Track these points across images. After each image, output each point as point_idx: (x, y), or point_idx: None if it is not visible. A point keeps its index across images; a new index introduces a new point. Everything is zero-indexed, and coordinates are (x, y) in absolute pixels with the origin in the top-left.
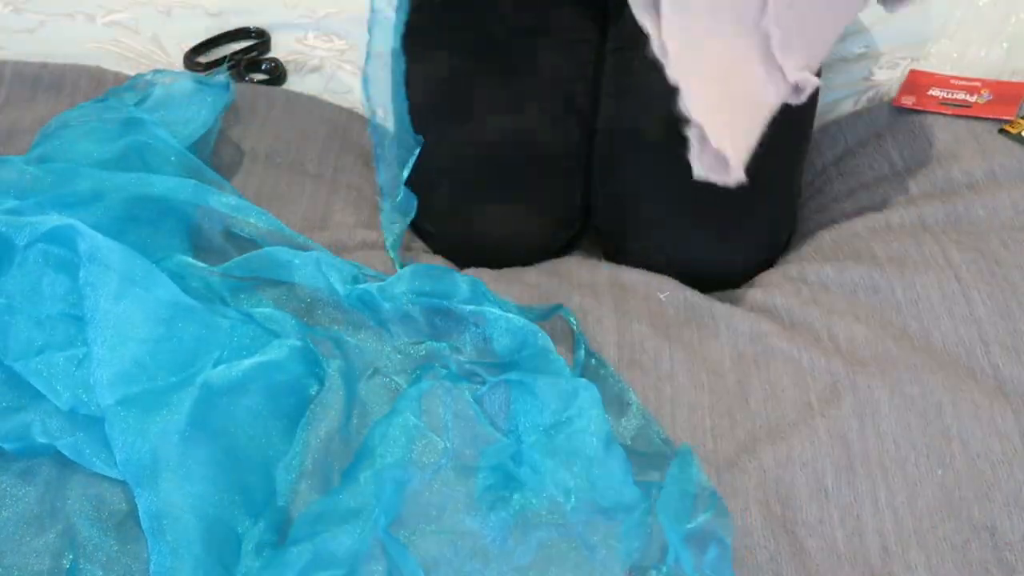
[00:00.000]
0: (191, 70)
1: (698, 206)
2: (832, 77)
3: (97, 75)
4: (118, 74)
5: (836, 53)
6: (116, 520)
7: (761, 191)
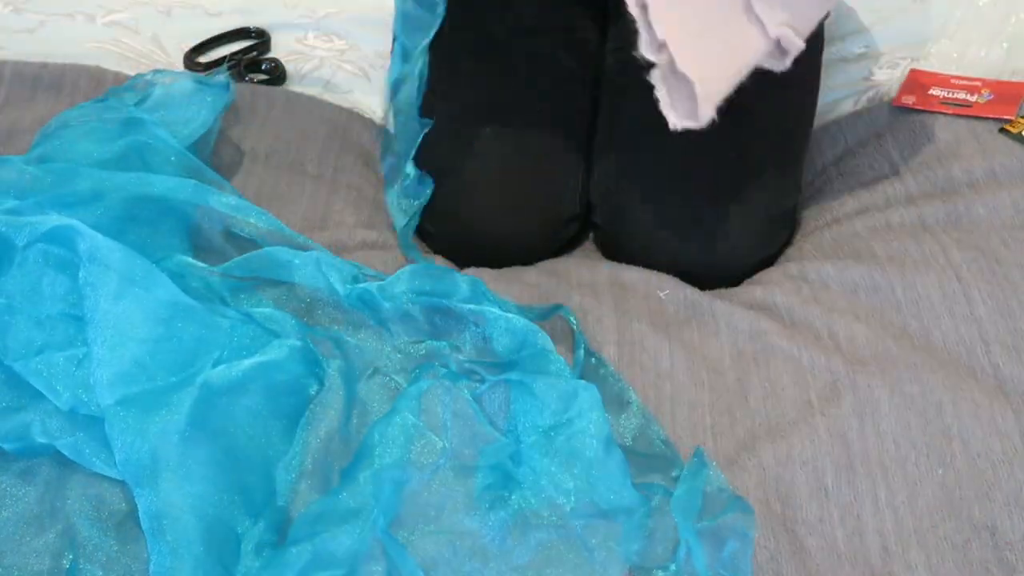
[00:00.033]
0: (191, 70)
1: (698, 205)
2: (832, 77)
3: (97, 75)
4: (118, 74)
5: (836, 53)
6: (116, 520)
7: (761, 190)
